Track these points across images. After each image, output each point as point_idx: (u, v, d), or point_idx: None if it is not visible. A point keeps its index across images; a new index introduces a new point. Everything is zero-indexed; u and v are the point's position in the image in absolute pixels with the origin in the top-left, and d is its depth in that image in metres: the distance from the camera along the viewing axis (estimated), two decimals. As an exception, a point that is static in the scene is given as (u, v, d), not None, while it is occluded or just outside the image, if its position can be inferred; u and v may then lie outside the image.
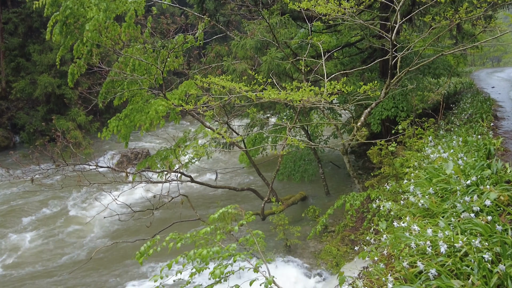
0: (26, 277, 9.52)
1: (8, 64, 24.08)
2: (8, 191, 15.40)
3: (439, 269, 3.13)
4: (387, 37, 7.48)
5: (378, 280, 3.61)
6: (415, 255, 3.42)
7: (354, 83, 9.63)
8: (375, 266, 3.91)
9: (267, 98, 6.34)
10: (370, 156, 7.35)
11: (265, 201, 9.78)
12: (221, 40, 16.78)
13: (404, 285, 3.19)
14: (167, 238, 4.20)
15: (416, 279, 3.25)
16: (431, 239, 3.51)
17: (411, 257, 3.40)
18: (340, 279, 4.22)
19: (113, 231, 11.59)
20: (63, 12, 10.00)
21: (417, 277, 3.28)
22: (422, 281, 3.16)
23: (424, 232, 3.69)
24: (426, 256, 3.39)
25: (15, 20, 24.39)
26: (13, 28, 24.51)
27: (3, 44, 23.97)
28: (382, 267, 3.88)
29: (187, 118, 28.05)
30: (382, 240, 4.25)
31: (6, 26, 24.45)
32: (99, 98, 10.77)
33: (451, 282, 2.97)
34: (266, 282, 3.40)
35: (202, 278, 4.97)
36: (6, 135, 22.50)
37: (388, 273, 3.42)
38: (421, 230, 3.75)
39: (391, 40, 6.93)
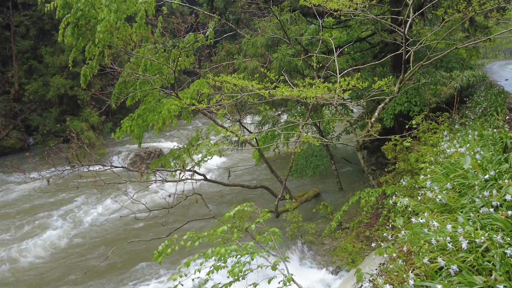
0: (40, 276, 9.63)
1: (21, 67, 24.36)
2: (21, 192, 15.57)
3: (460, 265, 3.09)
4: (399, 32, 7.41)
5: (398, 276, 3.59)
6: (435, 251, 3.38)
7: (366, 78, 9.56)
8: (394, 262, 3.88)
9: (280, 96, 6.33)
10: (385, 152, 7.29)
11: (279, 199, 9.77)
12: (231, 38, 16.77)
13: (425, 281, 3.16)
14: (184, 237, 4.22)
15: (436, 276, 3.22)
16: (451, 235, 3.47)
17: (431, 253, 3.37)
18: (358, 276, 4.19)
19: (128, 230, 11.67)
20: (74, 14, 10.06)
21: (437, 274, 3.25)
22: (443, 277, 3.13)
23: (443, 228, 3.65)
24: (446, 252, 3.35)
25: (27, 23, 24.65)
26: (25, 31, 24.77)
27: (15, 47, 24.24)
28: (401, 263, 3.85)
29: (197, 116, 28.12)
30: (400, 237, 4.22)
31: (18, 29, 24.72)
32: (112, 99, 10.84)
33: (473, 278, 2.94)
34: (285, 280, 3.39)
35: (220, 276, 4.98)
36: (20, 137, 22.78)
37: (409, 269, 3.39)
38: (440, 226, 3.71)
39: (404, 34, 6.86)
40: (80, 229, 11.98)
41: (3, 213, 13.58)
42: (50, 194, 14.72)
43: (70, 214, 13.07)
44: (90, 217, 12.74)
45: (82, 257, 10.40)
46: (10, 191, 15.88)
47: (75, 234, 11.68)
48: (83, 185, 8.35)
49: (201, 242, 4.42)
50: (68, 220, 12.62)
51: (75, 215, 12.97)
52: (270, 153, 15.64)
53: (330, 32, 12.32)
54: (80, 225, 12.20)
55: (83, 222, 12.43)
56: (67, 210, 13.41)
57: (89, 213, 12.99)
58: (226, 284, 3.81)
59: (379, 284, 3.42)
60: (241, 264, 3.69)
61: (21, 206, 14.17)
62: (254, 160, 16.39)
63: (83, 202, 14.02)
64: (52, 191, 14.72)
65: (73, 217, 12.83)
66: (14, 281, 9.49)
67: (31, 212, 13.54)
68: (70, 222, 12.45)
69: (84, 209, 13.39)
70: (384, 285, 3.34)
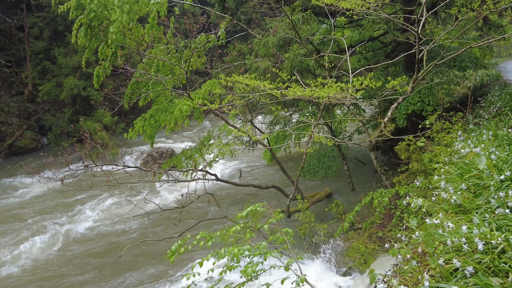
0: (55, 273, 9.73)
1: (35, 68, 24.64)
2: (35, 192, 15.75)
3: (476, 267, 3.06)
4: (412, 31, 7.36)
5: (412, 277, 3.56)
6: (451, 252, 3.35)
7: (378, 77, 9.50)
8: (408, 263, 3.85)
9: (292, 96, 6.32)
10: (398, 152, 7.23)
11: (291, 199, 9.76)
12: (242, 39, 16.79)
13: (440, 282, 3.13)
14: (197, 236, 4.23)
15: (451, 277, 3.19)
16: (466, 236, 3.43)
17: (446, 255, 3.34)
18: (371, 277, 4.17)
19: (141, 229, 11.75)
20: (87, 15, 10.16)
21: (452, 275, 3.22)
22: (459, 279, 3.10)
23: (458, 229, 3.61)
24: (461, 253, 3.32)
25: (40, 24, 24.92)
26: (39, 32, 25.05)
27: (29, 48, 24.53)
28: (415, 264, 3.82)
29: (208, 117, 28.19)
30: (414, 237, 4.19)
31: (31, 30, 25.01)
32: (124, 99, 10.92)
33: (489, 280, 2.91)
34: (299, 280, 3.39)
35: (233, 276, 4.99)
36: (34, 137, 23.04)
37: (424, 270, 3.37)
38: (455, 227, 3.67)
39: (417, 33, 6.80)
40: (93, 228, 12.09)
41: (19, 213, 13.75)
42: (63, 194, 14.86)
43: (83, 214, 13.20)
44: (103, 216, 12.85)
45: (95, 256, 10.49)
46: (24, 191, 16.08)
47: (89, 233, 11.79)
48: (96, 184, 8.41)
49: (214, 242, 4.43)
50: (81, 219, 12.75)
51: (88, 214, 13.10)
52: (280, 153, 15.62)
53: (342, 32, 12.28)
54: (94, 225, 12.31)
55: (97, 221, 12.54)
56: (80, 210, 13.54)
57: (103, 213, 13.10)
58: (239, 284, 3.82)
59: (394, 285, 3.40)
60: (254, 264, 3.69)
61: (35, 205, 14.34)
62: (265, 160, 16.40)
63: (96, 201, 14.15)
64: (66, 190, 14.86)
65: (86, 216, 12.96)
66: (27, 277, 9.61)
67: (44, 211, 13.70)
68: (83, 222, 12.57)
69: (97, 209, 13.51)
70: (399, 286, 3.32)
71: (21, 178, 17.60)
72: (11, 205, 14.63)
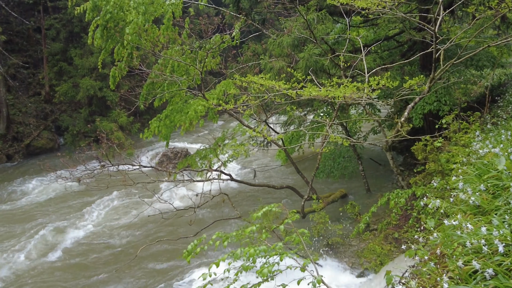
0: (71, 273, 9.85)
1: (51, 69, 24.99)
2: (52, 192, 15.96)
3: (496, 269, 3.02)
4: (429, 30, 7.28)
5: (430, 279, 3.52)
6: (470, 254, 3.30)
7: (394, 77, 9.42)
8: (425, 265, 3.81)
9: (307, 95, 6.29)
10: (415, 152, 7.16)
11: (305, 199, 9.72)
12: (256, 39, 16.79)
13: (460, 284, 3.09)
14: (213, 236, 4.24)
15: (471, 279, 3.15)
16: (486, 238, 3.38)
17: (465, 256, 3.29)
18: (388, 278, 4.13)
19: (156, 229, 11.83)
20: (103, 17, 10.25)
21: (471, 277, 3.18)
22: (478, 281, 3.06)
23: (477, 230, 3.56)
24: (481, 255, 3.27)
25: (57, 26, 25.25)
26: (55, 33, 25.39)
27: (46, 49, 24.89)
28: (433, 266, 3.78)
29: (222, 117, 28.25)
30: (431, 239, 4.14)
31: (48, 32, 25.36)
32: (140, 100, 11.00)
33: (509, 282, 2.86)
34: (315, 281, 3.37)
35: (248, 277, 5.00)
36: (51, 137, 23.36)
37: (443, 273, 3.32)
38: (474, 228, 3.62)
39: (434, 32, 6.73)
40: (109, 227, 12.21)
41: (35, 212, 13.96)
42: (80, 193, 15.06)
43: (99, 213, 13.34)
44: (118, 216, 12.97)
45: (111, 255, 10.60)
46: (41, 190, 16.31)
47: (104, 233, 11.91)
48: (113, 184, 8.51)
49: (230, 242, 4.44)
50: (96, 219, 12.89)
51: (103, 213, 13.24)
52: (294, 153, 15.59)
53: (357, 31, 12.20)
54: (109, 224, 12.43)
55: (112, 220, 12.66)
56: (96, 209, 13.68)
57: (118, 212, 13.22)
58: (255, 285, 3.81)
59: (412, 286, 3.36)
60: (270, 264, 3.69)
61: (51, 205, 14.54)
62: (278, 160, 16.37)
63: (112, 201, 14.28)
64: (82, 190, 15.05)
65: (102, 215, 13.09)
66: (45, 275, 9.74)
67: (60, 210, 13.88)
68: (98, 221, 12.71)
69: (113, 208, 13.64)
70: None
71: (38, 177, 17.86)
72: (28, 204, 14.86)
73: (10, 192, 16.37)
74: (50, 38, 25.53)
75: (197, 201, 9.44)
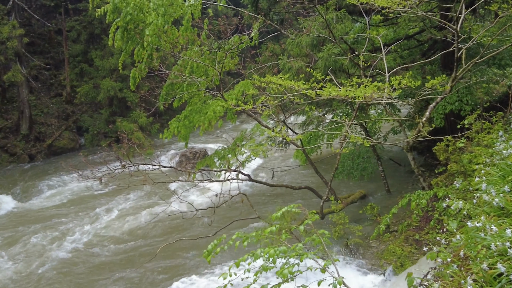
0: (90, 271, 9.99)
1: (72, 70, 25.43)
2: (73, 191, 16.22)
3: (522, 272, 2.96)
4: (450, 28, 7.17)
5: (453, 282, 3.47)
6: (494, 257, 3.24)
7: (415, 76, 9.30)
8: (448, 267, 3.75)
9: (327, 95, 6.27)
10: (436, 153, 7.05)
11: (324, 200, 9.67)
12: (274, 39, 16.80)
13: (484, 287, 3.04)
14: (233, 236, 4.26)
15: (495, 282, 3.09)
16: (511, 240, 3.32)
17: (490, 259, 3.23)
18: (409, 280, 4.09)
19: (175, 228, 11.91)
20: (123, 18, 10.38)
21: (496, 280, 3.12)
22: (503, 284, 3.00)
23: (502, 232, 3.50)
24: (506, 257, 3.21)
25: (78, 28, 25.68)
26: (76, 35, 25.82)
27: (67, 51, 25.33)
28: (456, 268, 3.72)
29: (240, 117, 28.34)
30: (454, 241, 4.08)
31: (69, 33, 25.81)
32: (160, 100, 11.11)
33: (536, 286, 2.80)
34: (336, 283, 3.36)
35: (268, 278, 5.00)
36: (72, 137, 23.76)
37: (466, 275, 3.27)
38: (499, 230, 3.55)
39: (456, 31, 6.63)
40: (129, 226, 12.34)
41: (60, 210, 14.21)
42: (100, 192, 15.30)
43: (119, 212, 13.49)
44: (138, 215, 13.10)
45: (131, 254, 10.71)
46: (62, 190, 16.60)
47: (124, 231, 12.05)
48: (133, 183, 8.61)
49: (249, 242, 4.45)
50: (117, 218, 13.04)
51: (123, 212, 13.38)
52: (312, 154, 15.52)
53: (376, 30, 12.10)
54: (129, 223, 12.56)
55: (132, 219, 12.79)
56: (116, 208, 13.84)
57: (138, 212, 13.35)
58: (275, 285, 3.82)
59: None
60: (290, 265, 3.69)
61: (72, 204, 14.78)
62: (295, 161, 16.31)
63: (132, 201, 14.44)
64: (103, 189, 15.28)
65: (122, 214, 13.24)
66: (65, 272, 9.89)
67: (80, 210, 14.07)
68: (119, 220, 12.85)
69: (133, 208, 13.78)
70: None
71: (60, 177, 18.18)
72: (50, 202, 15.13)
73: (34, 191, 16.70)
74: (71, 40, 25.97)
75: (216, 201, 9.48)
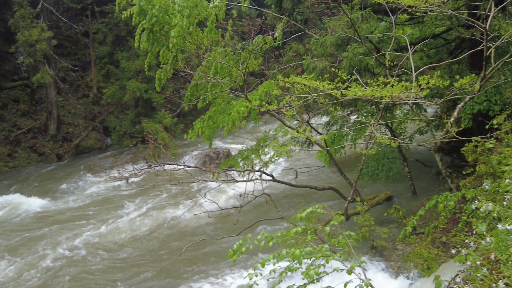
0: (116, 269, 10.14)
1: (99, 72, 25.95)
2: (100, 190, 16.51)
3: (557, 277, 2.88)
4: (478, 27, 7.02)
5: (483, 285, 3.40)
6: (527, 261, 3.17)
7: (442, 76, 9.13)
8: (477, 270, 3.68)
9: (352, 95, 6.22)
10: (465, 154, 6.91)
11: (349, 201, 9.60)
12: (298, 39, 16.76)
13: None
14: (258, 237, 4.27)
15: (528, 287, 3.02)
16: (544, 244, 3.23)
17: (522, 263, 3.16)
18: (437, 284, 4.01)
19: (199, 228, 12.00)
20: (149, 20, 10.51)
21: (529, 284, 3.05)
22: (537, 289, 2.92)
23: (535, 236, 3.41)
24: (539, 262, 3.13)
25: (104, 30, 26.19)
26: (102, 37, 26.35)
27: (93, 53, 25.85)
28: (486, 272, 3.64)
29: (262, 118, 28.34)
30: (483, 244, 4.00)
31: (96, 36, 26.35)
32: (184, 101, 11.22)
33: None
34: (363, 284, 3.33)
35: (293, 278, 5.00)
36: (99, 137, 24.24)
37: (498, 279, 3.20)
38: (532, 234, 3.47)
39: (485, 29, 6.48)
40: (154, 226, 12.49)
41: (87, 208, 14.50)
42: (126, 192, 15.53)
43: (144, 211, 13.66)
44: (163, 214, 13.25)
45: (156, 252, 10.85)
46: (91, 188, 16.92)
47: (149, 230, 12.20)
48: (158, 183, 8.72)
49: (274, 243, 4.45)
50: (141, 217, 13.20)
51: (148, 212, 13.54)
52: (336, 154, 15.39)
53: (402, 29, 11.93)
54: (154, 222, 12.72)
55: (157, 219, 12.95)
56: (141, 208, 14.03)
57: (163, 211, 13.51)
58: (301, 286, 3.81)
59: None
60: (316, 266, 3.67)
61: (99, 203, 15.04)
62: (319, 161, 16.20)
63: (158, 200, 14.60)
64: (129, 189, 15.51)
65: (147, 214, 13.40)
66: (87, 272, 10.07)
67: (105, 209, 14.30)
68: (143, 219, 13.02)
69: (157, 207, 13.94)
70: (471, 294, 3.18)
71: (87, 176, 18.54)
72: (78, 201, 15.44)
73: (62, 190, 17.09)
74: (98, 42, 26.51)
75: (240, 202, 9.52)
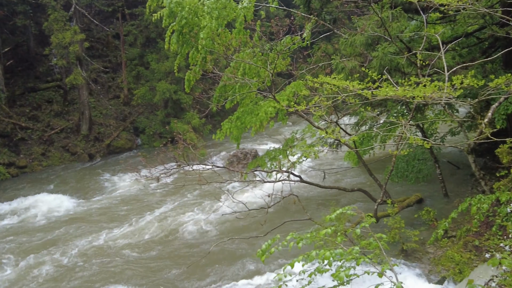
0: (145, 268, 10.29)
1: (129, 73, 26.42)
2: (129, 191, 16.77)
3: None
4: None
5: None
6: None
7: (475, 75, 8.91)
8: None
9: (383, 95, 6.13)
10: (499, 156, 6.72)
11: (379, 203, 9.47)
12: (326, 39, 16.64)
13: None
14: (287, 237, 4.26)
15: None
16: None
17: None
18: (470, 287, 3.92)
19: (227, 227, 12.07)
20: (179, 22, 10.64)
21: None
22: None
23: None
24: None
25: (134, 32, 26.63)
26: (133, 39, 26.80)
27: (124, 54, 26.35)
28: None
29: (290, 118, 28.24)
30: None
31: (126, 38, 26.83)
32: (213, 102, 11.31)
33: None
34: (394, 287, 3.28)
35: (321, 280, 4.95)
36: (130, 137, 24.69)
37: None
38: None
39: (522, 27, 6.28)
40: (182, 225, 12.62)
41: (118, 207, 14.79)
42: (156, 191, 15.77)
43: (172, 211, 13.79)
44: (191, 214, 13.37)
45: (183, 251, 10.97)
46: (122, 188, 17.25)
47: (177, 229, 12.34)
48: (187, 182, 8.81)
49: (304, 244, 4.43)
50: (170, 216, 13.35)
51: (177, 212, 13.69)
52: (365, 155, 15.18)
53: (433, 28, 11.69)
54: (182, 222, 12.85)
55: (185, 218, 13.07)
56: (170, 207, 14.18)
57: (191, 211, 13.63)
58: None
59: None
60: (346, 268, 3.64)
61: (130, 201, 15.30)
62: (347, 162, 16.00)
63: (186, 200, 14.73)
64: (159, 188, 15.74)
65: (175, 214, 13.55)
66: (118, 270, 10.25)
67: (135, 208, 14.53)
68: (172, 218, 13.16)
69: (186, 206, 14.06)
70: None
71: (118, 176, 18.90)
72: (109, 200, 15.76)
73: (93, 190, 17.47)
74: (128, 44, 26.99)
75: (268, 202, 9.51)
